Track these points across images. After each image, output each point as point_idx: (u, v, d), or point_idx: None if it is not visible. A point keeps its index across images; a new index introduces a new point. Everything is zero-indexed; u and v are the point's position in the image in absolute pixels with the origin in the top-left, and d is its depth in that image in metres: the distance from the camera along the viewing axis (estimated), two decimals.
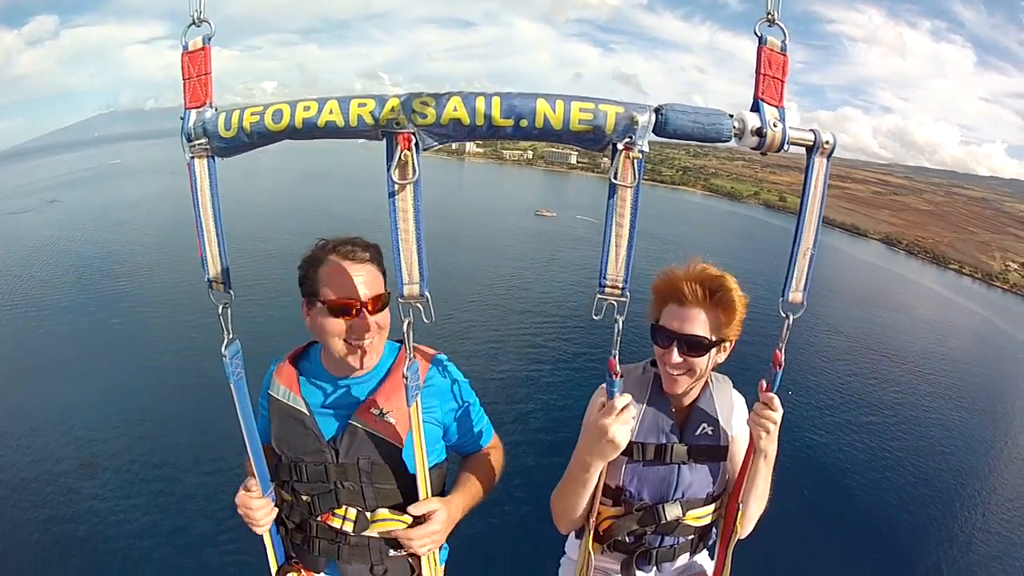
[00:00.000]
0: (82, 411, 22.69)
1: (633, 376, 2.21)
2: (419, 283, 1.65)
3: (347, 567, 2.12)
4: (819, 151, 1.62)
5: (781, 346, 1.82)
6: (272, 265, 39.04)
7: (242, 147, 1.65)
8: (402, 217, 1.60)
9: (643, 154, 1.50)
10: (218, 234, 1.74)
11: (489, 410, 2.33)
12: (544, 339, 33.88)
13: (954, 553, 20.25)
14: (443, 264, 45.65)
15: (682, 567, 2.35)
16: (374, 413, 2.02)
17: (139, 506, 17.84)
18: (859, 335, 45.75)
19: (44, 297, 37.21)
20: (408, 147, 1.53)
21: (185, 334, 27.89)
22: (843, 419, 29.66)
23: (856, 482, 23.92)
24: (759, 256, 63.35)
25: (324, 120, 1.54)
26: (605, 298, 1.63)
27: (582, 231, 72.22)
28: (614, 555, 2.26)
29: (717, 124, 1.51)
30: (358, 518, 2.05)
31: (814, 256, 1.72)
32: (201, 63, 1.65)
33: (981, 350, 51.83)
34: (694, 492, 2.15)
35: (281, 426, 2.09)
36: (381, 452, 2.01)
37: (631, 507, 2.14)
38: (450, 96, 1.49)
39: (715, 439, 2.16)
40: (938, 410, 33.32)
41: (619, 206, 1.56)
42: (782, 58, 1.55)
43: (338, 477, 2.03)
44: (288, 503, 2.13)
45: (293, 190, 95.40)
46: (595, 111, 1.47)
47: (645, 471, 2.13)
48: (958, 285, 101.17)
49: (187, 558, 15.80)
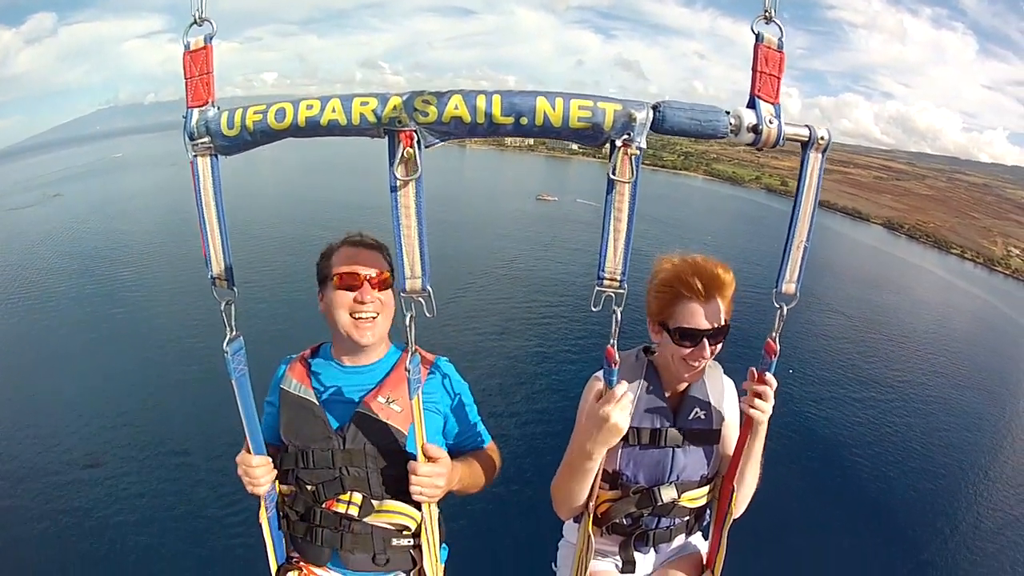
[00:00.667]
0: (88, 401, 22.74)
1: (627, 363, 2.23)
2: (421, 278, 1.68)
3: (349, 556, 2.15)
4: (814, 146, 1.65)
5: (774, 335, 1.86)
6: (275, 255, 39.04)
7: (245, 145, 1.66)
8: (404, 213, 1.63)
9: (641, 151, 1.53)
10: (221, 232, 1.76)
11: (493, 396, 2.39)
12: (546, 321, 33.89)
13: (957, 524, 20.35)
14: (446, 249, 45.58)
15: (678, 547, 2.42)
16: (381, 400, 2.11)
17: (145, 495, 17.90)
18: (860, 315, 45.83)
19: (48, 289, 37.19)
20: (410, 145, 1.55)
21: (190, 323, 27.91)
22: (843, 395, 29.83)
23: (856, 455, 24.07)
24: (761, 238, 63.33)
25: (327, 119, 1.56)
26: (604, 290, 1.66)
27: (584, 215, 72.04)
28: (612, 537, 2.32)
29: (714, 121, 1.54)
30: (363, 503, 2.10)
31: (807, 249, 1.75)
32: (203, 62, 1.66)
33: (983, 333, 51.86)
34: (688, 475, 2.21)
35: (290, 416, 2.16)
36: (387, 438, 2.08)
37: (628, 490, 2.19)
38: (451, 94, 1.51)
39: (708, 423, 2.21)
40: (939, 388, 33.48)
41: (617, 201, 1.59)
42: (779, 55, 1.57)
43: (344, 463, 2.08)
44: (292, 495, 2.17)
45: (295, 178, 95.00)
46: (594, 109, 1.49)
47: (641, 455, 2.18)
48: (960, 269, 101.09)
49: (193, 548, 15.84)
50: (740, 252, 58.83)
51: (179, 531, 16.59)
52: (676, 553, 2.43)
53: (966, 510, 21.49)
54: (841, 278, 57.95)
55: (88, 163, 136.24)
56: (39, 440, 20.41)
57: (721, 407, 2.24)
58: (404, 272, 1.68)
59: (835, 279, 56.20)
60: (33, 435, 20.69)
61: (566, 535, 2.60)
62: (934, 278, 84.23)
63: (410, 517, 2.13)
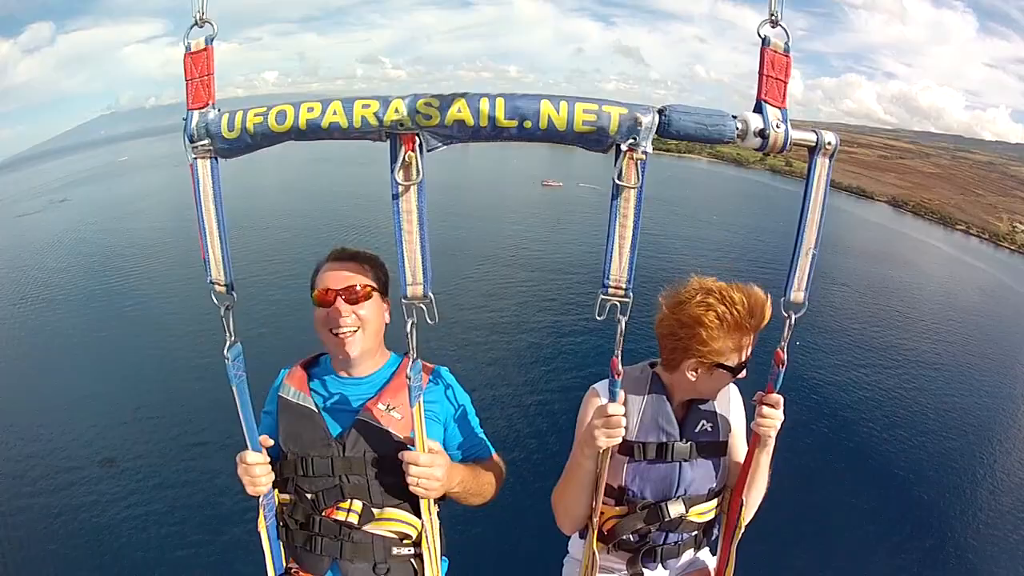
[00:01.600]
0: (100, 400, 22.72)
1: (632, 376, 2.21)
2: (423, 284, 1.67)
3: (349, 565, 2.11)
4: (822, 152, 1.63)
5: (783, 345, 1.82)
6: (277, 256, 38.97)
7: (245, 148, 1.65)
8: (406, 218, 1.62)
9: (647, 155, 1.50)
10: (221, 236, 1.75)
11: (499, 389, 2.37)
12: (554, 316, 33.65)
13: (970, 489, 20.20)
14: (451, 237, 45.34)
15: (687, 563, 2.38)
16: (381, 407, 2.07)
17: (151, 495, 17.84)
18: (866, 287, 45.55)
19: (59, 289, 37.11)
20: (412, 148, 1.54)
21: (201, 321, 27.78)
22: (852, 363, 29.57)
23: (866, 422, 23.79)
24: (767, 216, 63.12)
25: (328, 121, 1.54)
26: (608, 299, 1.63)
27: (590, 198, 71.77)
28: (619, 554, 2.29)
29: (720, 125, 1.52)
30: (363, 511, 2.07)
31: (816, 256, 1.72)
32: (204, 64, 1.65)
33: (989, 304, 51.62)
34: (696, 488, 2.17)
35: (289, 423, 2.12)
36: (387, 445, 2.04)
37: (635, 506, 2.16)
38: (454, 97, 1.49)
39: (715, 435, 2.18)
40: (948, 355, 33.19)
41: (623, 206, 1.56)
42: (785, 59, 1.55)
43: (344, 471, 2.05)
44: (291, 504, 2.13)
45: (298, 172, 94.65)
46: (599, 112, 1.47)
47: (647, 470, 2.15)
48: (965, 245, 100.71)
49: (192, 556, 15.71)
50: (745, 231, 58.78)
51: (178, 537, 16.45)
52: (685, 569, 2.39)
53: (980, 475, 21.36)
54: (847, 253, 57.59)
55: (93, 168, 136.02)
56: (53, 439, 20.43)
57: (728, 417, 2.21)
58: (405, 278, 1.66)
59: (841, 254, 55.84)
60: (47, 433, 20.71)
61: (571, 551, 2.56)
62: (940, 253, 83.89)
63: (411, 525, 2.09)
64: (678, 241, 50.39)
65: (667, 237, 50.40)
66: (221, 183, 1.71)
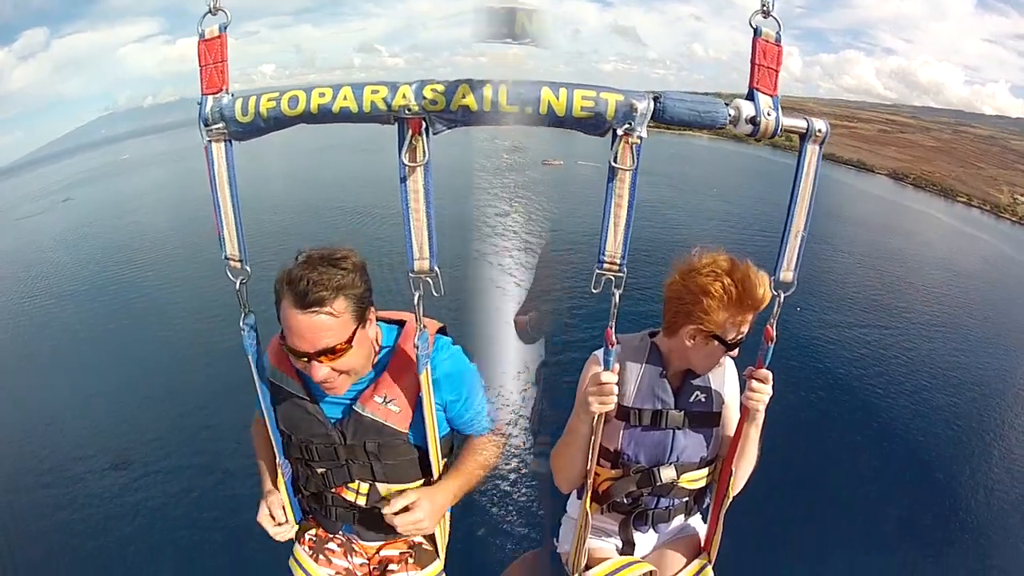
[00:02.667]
0: (108, 391, 22.64)
1: (631, 345, 2.28)
2: (428, 258, 1.75)
3: (362, 530, 2.24)
4: (812, 138, 1.69)
5: (773, 322, 1.89)
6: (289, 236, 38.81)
7: (258, 131, 1.72)
8: (413, 198, 1.70)
9: (642, 139, 1.58)
10: (235, 214, 1.82)
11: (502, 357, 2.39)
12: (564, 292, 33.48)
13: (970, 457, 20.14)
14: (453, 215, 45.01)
15: (677, 528, 2.48)
16: (377, 401, 2.06)
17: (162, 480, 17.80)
18: (867, 255, 45.15)
19: (65, 285, 36.90)
20: (419, 132, 1.62)
21: (210, 310, 27.60)
22: (855, 321, 29.50)
23: (869, 379, 23.66)
24: (768, 190, 62.70)
25: (339, 106, 1.61)
26: (604, 273, 1.71)
27: (591, 175, 71.29)
28: (612, 515, 2.39)
29: (713, 112, 1.59)
30: (370, 491, 2.14)
31: (804, 238, 1.78)
32: (218, 51, 1.70)
33: (991, 272, 51.39)
34: (688, 456, 2.26)
35: (285, 409, 2.11)
36: (387, 437, 2.08)
37: (629, 469, 2.25)
38: (459, 84, 1.56)
39: (708, 406, 2.26)
40: (949, 321, 33.08)
41: (618, 187, 1.64)
42: (777, 49, 1.60)
43: (348, 456, 2.09)
44: (304, 475, 2.20)
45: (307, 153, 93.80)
46: (596, 99, 1.54)
47: (642, 435, 2.23)
48: (967, 216, 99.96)
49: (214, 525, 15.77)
50: (745, 203, 58.41)
51: (191, 521, 16.36)
52: (675, 534, 2.49)
53: (981, 431, 21.28)
54: (847, 222, 57.19)
55: (95, 167, 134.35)
56: (64, 437, 20.36)
57: (722, 390, 2.27)
58: (412, 253, 1.74)
59: (841, 223, 55.42)
60: (56, 432, 20.64)
61: (569, 511, 2.66)
62: (941, 224, 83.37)
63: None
64: (678, 212, 50.19)
65: (667, 208, 50.26)
66: (235, 165, 1.78)
